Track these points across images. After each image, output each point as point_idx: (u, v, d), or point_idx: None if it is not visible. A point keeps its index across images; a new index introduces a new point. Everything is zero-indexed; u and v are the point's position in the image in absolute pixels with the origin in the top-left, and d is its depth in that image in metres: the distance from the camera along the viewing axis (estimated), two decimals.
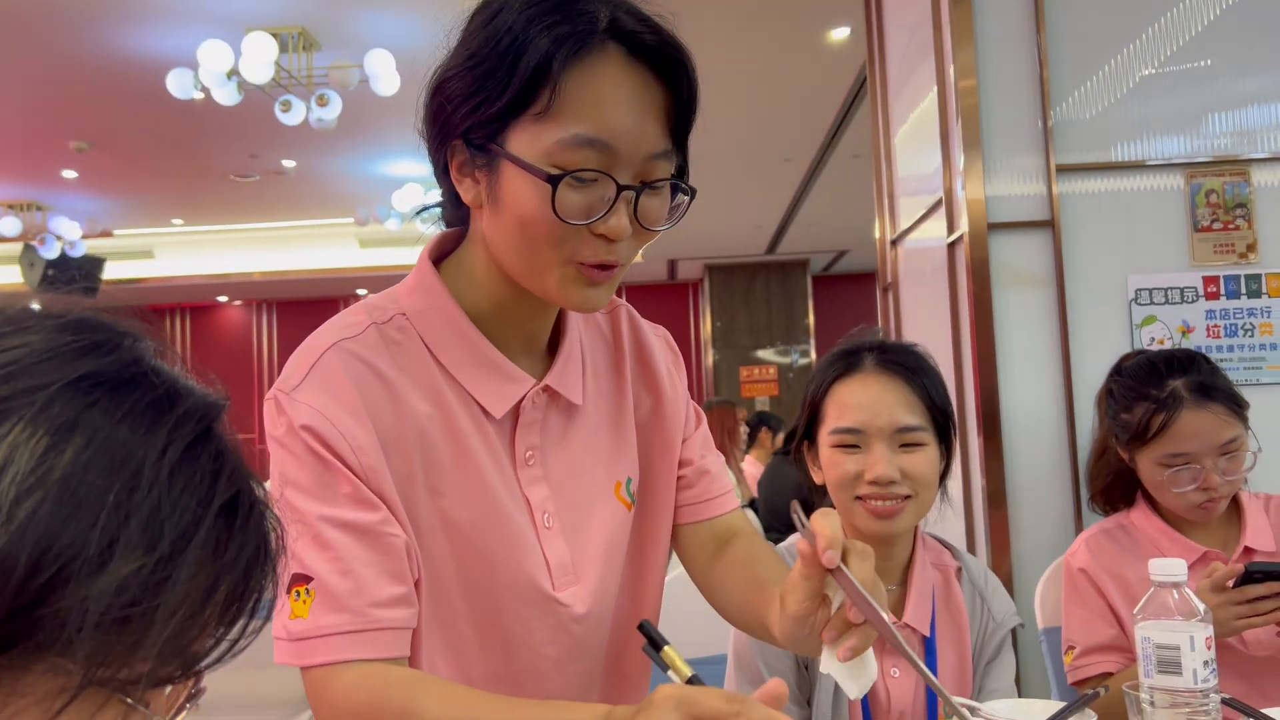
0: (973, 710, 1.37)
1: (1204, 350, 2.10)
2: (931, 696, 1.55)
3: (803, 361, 10.71)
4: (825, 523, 0.90)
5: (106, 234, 9.73)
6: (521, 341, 1.10)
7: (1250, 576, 1.61)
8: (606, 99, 0.95)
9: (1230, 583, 1.61)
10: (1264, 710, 1.40)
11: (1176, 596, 1.19)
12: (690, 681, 0.77)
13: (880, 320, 3.30)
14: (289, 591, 0.97)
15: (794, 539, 1.61)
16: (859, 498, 1.55)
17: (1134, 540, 1.89)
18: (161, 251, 10.56)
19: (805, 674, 1.54)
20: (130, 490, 0.54)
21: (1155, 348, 2.07)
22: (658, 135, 0.98)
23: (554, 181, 0.94)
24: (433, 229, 1.16)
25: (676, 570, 1.95)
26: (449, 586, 1.06)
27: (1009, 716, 1.37)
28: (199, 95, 5.25)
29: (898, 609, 1.59)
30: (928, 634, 1.58)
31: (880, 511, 1.54)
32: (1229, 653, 1.71)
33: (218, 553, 0.58)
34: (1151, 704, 1.18)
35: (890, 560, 1.61)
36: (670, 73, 0.98)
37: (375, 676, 0.96)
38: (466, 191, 1.03)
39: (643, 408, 1.21)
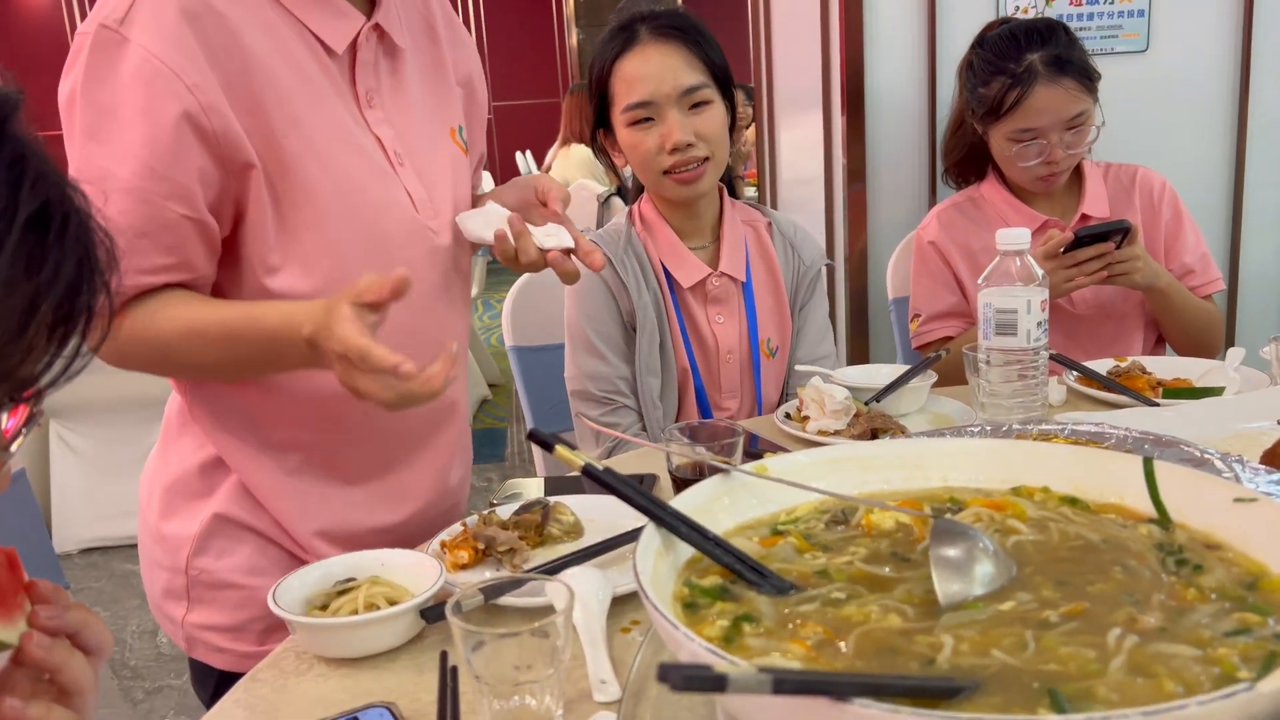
0: (825, 378, 1.46)
1: (1065, 19, 2.08)
2: (754, 339, 1.69)
3: None
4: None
5: None
6: None
7: (1079, 241, 1.71)
8: None
9: (1062, 249, 1.71)
10: (1084, 363, 1.54)
11: (1018, 264, 1.26)
12: (584, 470, 0.80)
13: None
14: None
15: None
16: (665, 173, 1.60)
17: (982, 212, 1.97)
18: None
19: (630, 334, 1.66)
20: None
21: (1020, 17, 2.05)
22: None
23: None
24: None
25: (525, 278, 1.97)
26: (332, 218, 1.08)
27: (858, 380, 1.47)
28: None
29: (713, 261, 1.69)
30: (744, 280, 1.70)
31: (686, 179, 1.59)
32: (1056, 312, 1.85)
33: (31, 272, 0.53)
34: (988, 363, 1.28)
35: (700, 219, 1.70)
36: None
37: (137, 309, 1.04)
38: None
39: (461, 70, 1.29)
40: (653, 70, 1.57)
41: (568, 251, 1.15)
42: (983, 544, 0.70)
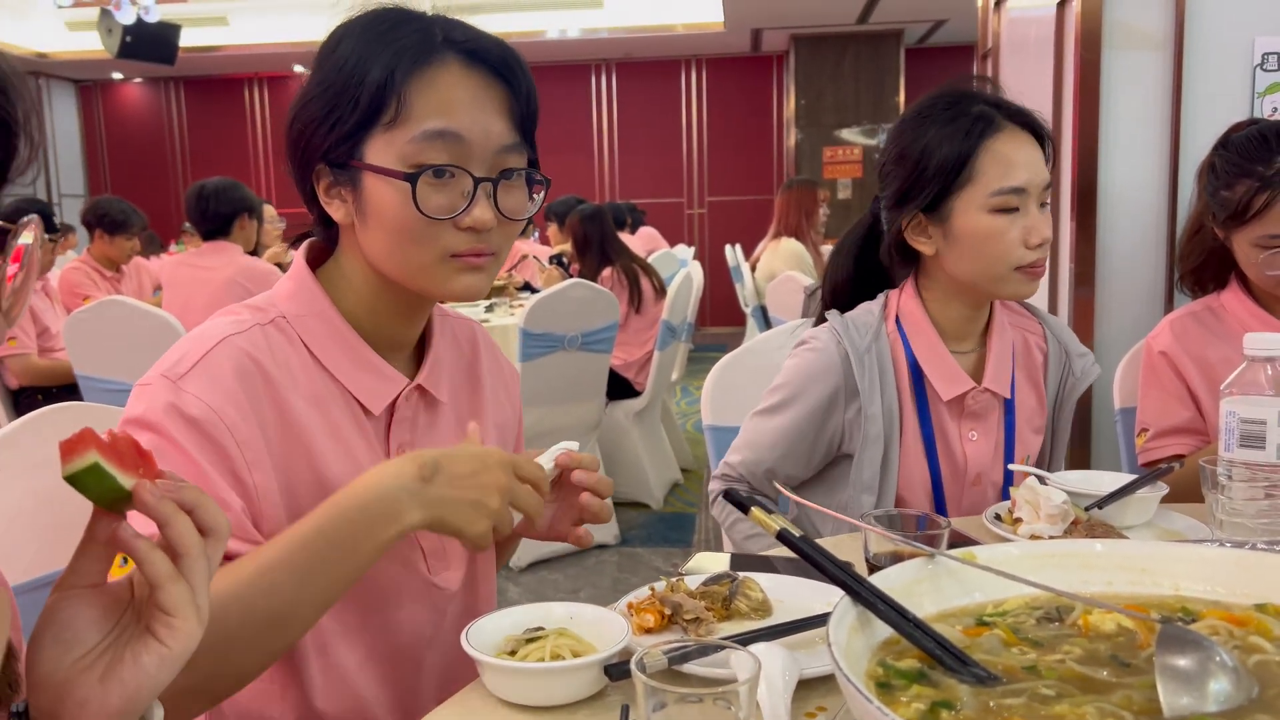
0: (1041, 479, 1.38)
1: None
2: (1009, 460, 1.56)
3: None
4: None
5: None
6: (393, 344, 1.16)
7: None
8: (450, 98, 1.03)
9: None
10: None
11: (1269, 371, 1.15)
12: (779, 535, 0.81)
13: None
14: None
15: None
16: (1018, 268, 1.47)
17: (1221, 322, 1.83)
18: (236, 18, 10.38)
19: (818, 448, 1.59)
20: None
21: (1273, 119, 1.92)
22: (504, 129, 1.06)
23: (412, 179, 1.01)
24: None
25: (731, 354, 1.96)
26: None
27: (1078, 485, 1.37)
28: None
29: (975, 372, 1.57)
30: (1008, 396, 1.57)
31: (1039, 274, 1.48)
32: None
33: None
34: (1229, 478, 1.17)
35: (974, 324, 1.58)
36: (508, 72, 1.05)
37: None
38: (336, 211, 1.09)
39: (504, 411, 1.31)
40: (1026, 158, 1.47)
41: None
42: (1219, 658, 0.63)
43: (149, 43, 7.73)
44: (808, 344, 1.60)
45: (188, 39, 8.61)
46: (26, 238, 0.63)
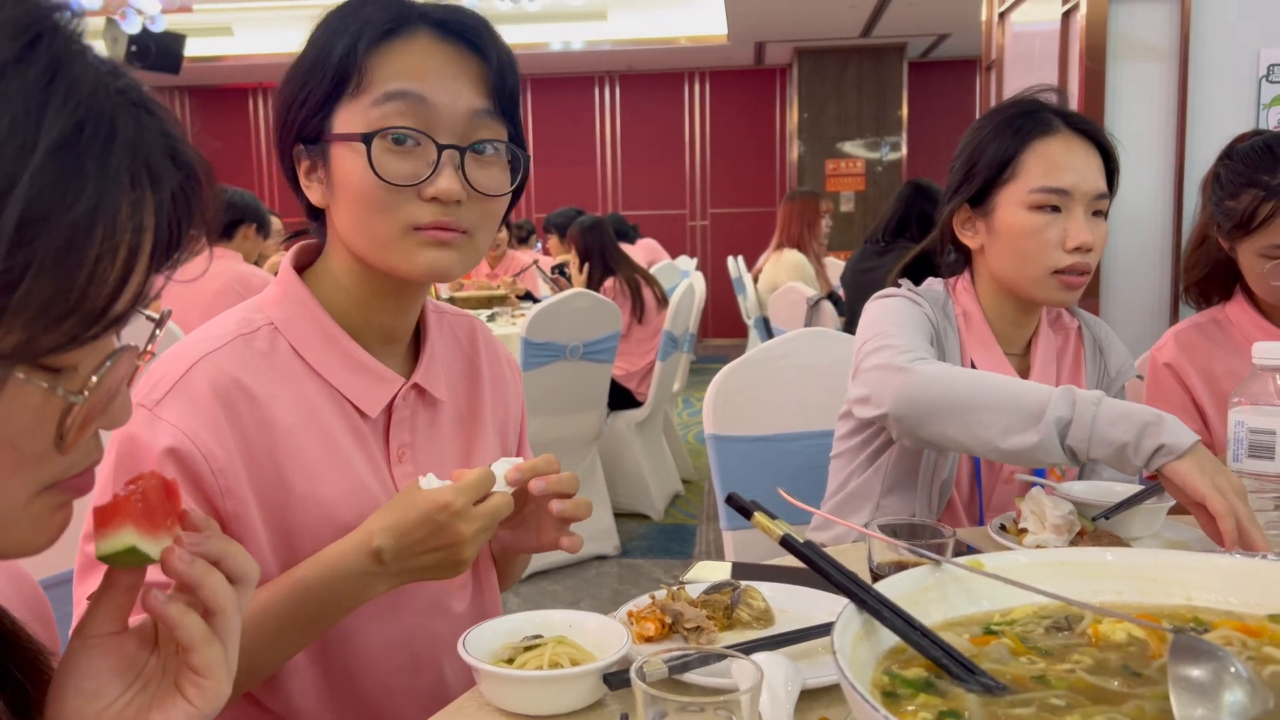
0: (1047, 489, 1.36)
1: None
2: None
3: (892, 156, 10.26)
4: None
5: (185, 9, 9.59)
6: (385, 341, 1.13)
7: None
8: (416, 64, 1.00)
9: None
10: None
11: (1278, 381, 1.14)
12: (782, 541, 0.79)
13: (980, 105, 3.11)
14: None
15: None
16: (1055, 272, 1.48)
17: (1227, 335, 1.82)
18: (240, 28, 10.41)
19: None
20: None
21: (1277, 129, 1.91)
22: (475, 93, 1.02)
23: (367, 139, 0.98)
24: None
25: (733, 362, 1.94)
26: None
27: (1085, 496, 1.36)
28: None
29: (1021, 373, 1.59)
30: None
31: (1076, 284, 1.49)
32: None
33: (65, 201, 0.47)
34: None
35: (1022, 329, 1.60)
36: (480, 43, 1.02)
37: None
38: (314, 193, 1.06)
39: (506, 409, 1.27)
40: (1077, 162, 1.48)
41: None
42: (1234, 668, 0.61)
43: (154, 52, 7.75)
44: (891, 294, 1.59)
45: (192, 48, 8.61)
46: (161, 331, 0.64)
